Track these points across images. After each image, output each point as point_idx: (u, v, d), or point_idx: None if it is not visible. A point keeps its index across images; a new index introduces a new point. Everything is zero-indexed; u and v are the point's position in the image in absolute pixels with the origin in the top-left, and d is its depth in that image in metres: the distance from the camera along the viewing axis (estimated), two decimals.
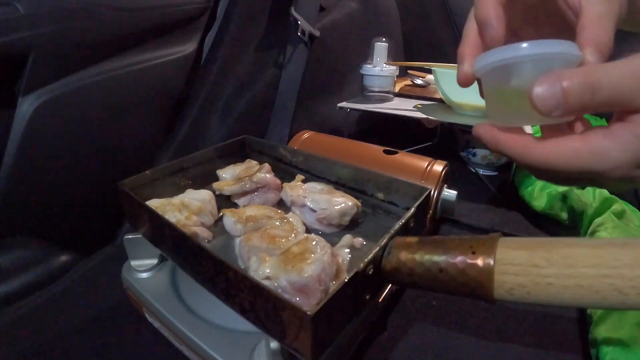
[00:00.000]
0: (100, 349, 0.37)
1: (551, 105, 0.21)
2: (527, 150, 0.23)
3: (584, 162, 0.21)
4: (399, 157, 0.53)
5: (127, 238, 0.39)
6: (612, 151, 0.21)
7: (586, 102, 0.20)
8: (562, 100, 0.20)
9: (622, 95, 0.20)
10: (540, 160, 0.23)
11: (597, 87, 0.20)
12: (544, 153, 0.22)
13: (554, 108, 0.21)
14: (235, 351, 0.31)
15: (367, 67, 0.77)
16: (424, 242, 0.27)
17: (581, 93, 0.20)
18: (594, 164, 0.21)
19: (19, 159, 0.48)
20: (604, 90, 0.20)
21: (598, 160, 0.21)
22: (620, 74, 0.20)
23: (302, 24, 0.70)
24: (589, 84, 0.20)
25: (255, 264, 0.30)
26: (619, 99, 0.20)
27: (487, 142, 0.25)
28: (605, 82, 0.20)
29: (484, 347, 0.37)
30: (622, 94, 0.20)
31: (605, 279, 0.20)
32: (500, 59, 0.22)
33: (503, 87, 0.24)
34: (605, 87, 0.20)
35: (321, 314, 0.22)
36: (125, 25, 0.55)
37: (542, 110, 0.21)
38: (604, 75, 0.20)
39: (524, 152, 0.23)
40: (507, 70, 0.23)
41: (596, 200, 0.49)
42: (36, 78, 0.48)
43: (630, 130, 0.21)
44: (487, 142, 0.25)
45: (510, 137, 0.24)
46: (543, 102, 0.21)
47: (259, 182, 0.44)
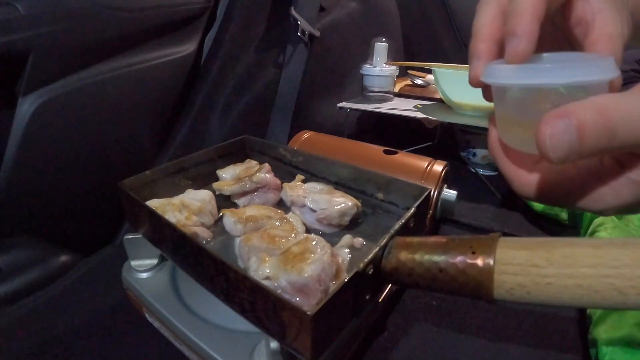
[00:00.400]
0: (100, 349, 0.37)
1: (565, 151, 0.17)
2: (516, 178, 0.22)
3: (575, 201, 0.21)
4: (399, 157, 0.53)
5: (127, 238, 0.39)
6: (606, 196, 0.20)
7: (601, 147, 0.17)
8: (577, 145, 0.17)
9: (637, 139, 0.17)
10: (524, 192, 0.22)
11: (614, 132, 0.17)
12: (532, 185, 0.21)
13: (568, 154, 0.17)
14: (235, 351, 0.31)
15: (367, 67, 0.77)
16: (424, 242, 0.27)
17: (598, 136, 0.17)
18: (586, 205, 0.20)
19: (19, 159, 0.48)
20: (620, 136, 0.17)
21: (591, 202, 0.20)
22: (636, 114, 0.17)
23: (302, 24, 0.70)
24: (606, 127, 0.17)
25: (255, 264, 0.30)
26: (633, 144, 0.17)
27: (489, 148, 0.24)
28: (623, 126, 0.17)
29: (484, 347, 0.37)
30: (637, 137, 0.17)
31: (605, 279, 0.20)
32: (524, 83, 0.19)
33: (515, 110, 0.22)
34: (622, 132, 0.17)
35: (321, 314, 0.22)
36: (125, 25, 0.55)
37: (554, 158, 0.18)
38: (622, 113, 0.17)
39: (512, 179, 0.22)
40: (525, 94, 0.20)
41: None
42: (36, 78, 0.48)
43: (627, 176, 0.19)
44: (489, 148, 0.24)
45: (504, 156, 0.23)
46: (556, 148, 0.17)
47: (259, 182, 0.44)
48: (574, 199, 0.20)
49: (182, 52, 0.65)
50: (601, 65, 0.19)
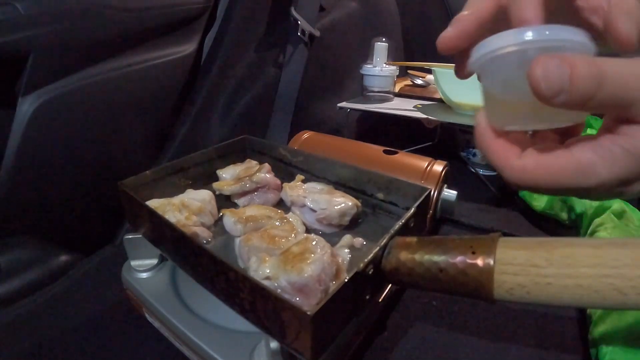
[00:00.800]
0: (100, 349, 0.37)
1: (556, 88, 0.18)
2: (507, 166, 0.21)
3: (569, 179, 0.20)
4: (399, 157, 0.53)
5: (127, 238, 0.39)
6: (599, 168, 0.19)
7: (590, 94, 0.18)
8: (568, 85, 0.18)
9: (623, 97, 0.18)
10: (519, 178, 0.21)
11: (603, 80, 0.17)
12: (522, 171, 0.21)
13: (558, 92, 0.18)
14: (235, 351, 0.31)
15: (367, 67, 0.77)
16: (424, 242, 0.27)
17: (588, 81, 0.17)
18: (580, 181, 0.20)
19: (19, 159, 0.48)
20: (608, 86, 0.17)
21: (584, 177, 0.19)
22: (628, 71, 0.18)
23: (302, 24, 0.70)
24: (595, 73, 0.17)
25: (255, 264, 0.30)
26: (619, 101, 0.18)
27: (476, 140, 0.23)
28: (612, 76, 0.17)
29: (484, 347, 0.37)
30: (625, 95, 0.18)
31: (605, 279, 0.20)
32: (499, 46, 0.19)
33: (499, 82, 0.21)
34: (610, 82, 0.17)
35: (321, 314, 0.22)
36: (125, 25, 0.55)
37: (544, 92, 0.18)
38: (611, 68, 0.17)
39: (503, 167, 0.21)
40: (507, 60, 0.20)
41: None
42: (36, 78, 0.48)
43: (620, 144, 0.19)
44: (476, 140, 0.23)
45: (496, 146, 0.22)
46: (547, 83, 0.18)
47: (259, 182, 0.44)
48: (567, 176, 0.20)
49: (182, 52, 0.65)
50: (577, 32, 0.19)
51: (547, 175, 0.20)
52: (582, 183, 0.19)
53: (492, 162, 0.22)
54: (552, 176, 0.20)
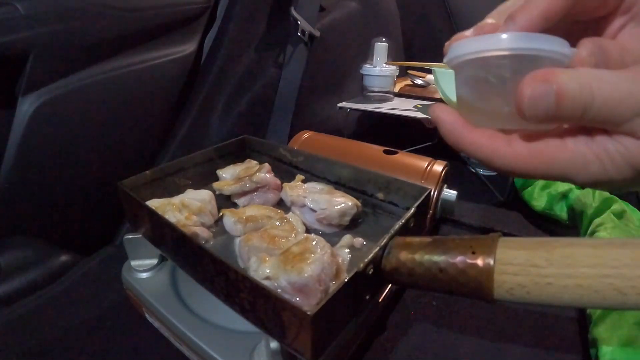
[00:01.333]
0: (100, 349, 0.37)
1: (542, 113, 0.17)
2: (497, 154, 0.20)
3: (560, 170, 0.19)
4: (399, 157, 0.53)
5: (127, 238, 0.39)
6: (592, 165, 0.18)
7: (577, 115, 0.17)
8: (554, 110, 0.17)
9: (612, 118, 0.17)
10: (511, 166, 0.20)
11: (590, 102, 0.17)
12: (515, 159, 0.20)
13: (544, 117, 0.18)
14: (235, 351, 0.31)
15: (367, 67, 0.77)
16: (424, 242, 0.27)
17: (575, 103, 0.17)
18: (570, 173, 0.19)
19: (19, 159, 0.48)
20: (596, 107, 0.17)
21: (575, 171, 0.19)
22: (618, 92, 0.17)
23: (302, 24, 0.70)
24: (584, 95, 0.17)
25: (255, 264, 0.30)
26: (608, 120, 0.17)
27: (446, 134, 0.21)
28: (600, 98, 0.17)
29: (484, 347, 0.37)
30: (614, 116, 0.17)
31: (605, 279, 0.20)
32: (476, 50, 0.19)
33: (477, 85, 0.21)
34: (598, 103, 0.17)
35: (321, 314, 0.22)
36: (125, 25, 0.55)
37: (530, 117, 0.18)
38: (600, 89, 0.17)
39: (492, 156, 0.20)
40: (484, 64, 0.19)
41: (596, 200, 0.49)
42: (36, 78, 0.48)
43: (615, 146, 0.18)
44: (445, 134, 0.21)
45: (476, 137, 0.21)
46: (533, 108, 0.17)
47: (258, 182, 0.44)
48: (559, 167, 0.19)
49: (182, 52, 0.65)
50: (555, 40, 0.18)
51: (540, 164, 0.19)
52: (572, 176, 0.19)
53: (475, 155, 0.21)
54: (545, 165, 0.19)
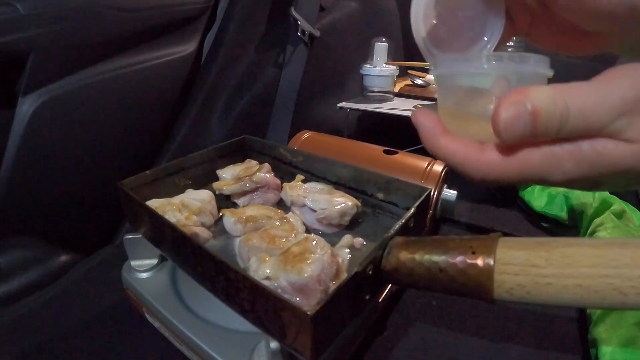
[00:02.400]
0: (100, 349, 0.37)
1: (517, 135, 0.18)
2: (468, 161, 0.20)
3: (533, 173, 0.19)
4: (399, 157, 0.53)
5: (127, 238, 0.39)
6: (566, 163, 0.18)
7: (553, 133, 0.18)
8: (530, 131, 0.18)
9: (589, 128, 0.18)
10: (483, 173, 0.20)
11: (565, 118, 0.17)
12: (488, 166, 0.20)
13: (520, 138, 0.18)
14: (235, 351, 0.31)
15: (367, 67, 0.77)
16: (423, 242, 0.27)
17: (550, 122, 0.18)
18: (543, 174, 0.19)
19: (19, 159, 0.48)
20: (572, 121, 0.17)
21: (550, 171, 0.19)
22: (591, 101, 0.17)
23: (302, 24, 0.70)
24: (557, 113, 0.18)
25: (255, 264, 0.30)
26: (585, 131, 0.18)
27: (423, 140, 0.22)
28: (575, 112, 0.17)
29: (484, 347, 0.37)
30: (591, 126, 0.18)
31: (604, 278, 0.20)
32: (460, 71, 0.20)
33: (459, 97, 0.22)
34: (573, 117, 0.17)
35: (321, 314, 0.22)
36: (125, 25, 0.55)
37: (506, 139, 0.18)
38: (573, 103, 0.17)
39: (464, 163, 0.21)
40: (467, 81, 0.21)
41: (596, 200, 0.49)
42: (36, 78, 0.48)
43: (591, 145, 0.18)
44: (423, 139, 0.22)
45: (451, 143, 0.21)
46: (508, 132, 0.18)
47: (258, 182, 0.44)
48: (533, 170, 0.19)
49: (182, 52, 0.65)
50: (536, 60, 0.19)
51: (513, 170, 0.20)
52: (548, 177, 0.19)
53: (448, 160, 0.21)
54: (519, 170, 0.19)
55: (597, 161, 0.18)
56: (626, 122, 0.17)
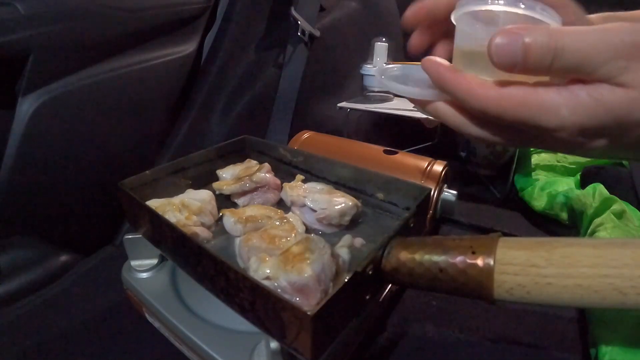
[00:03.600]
0: (100, 348, 0.37)
1: (508, 61, 0.19)
2: (471, 93, 0.21)
3: (529, 113, 0.20)
4: (399, 157, 0.53)
5: (127, 238, 0.39)
6: (562, 108, 0.19)
7: (546, 66, 0.19)
8: (522, 58, 0.19)
9: (584, 66, 0.18)
10: (483, 104, 0.21)
11: (560, 53, 0.18)
12: (487, 97, 0.21)
13: (511, 65, 0.19)
14: (235, 351, 0.31)
15: (367, 67, 0.77)
16: (423, 242, 0.27)
17: (542, 54, 0.19)
18: (540, 117, 0.20)
19: (19, 159, 0.48)
20: (566, 56, 0.18)
21: (544, 114, 0.20)
22: (588, 41, 0.18)
23: (302, 24, 0.70)
24: (552, 47, 0.18)
25: (255, 264, 0.29)
26: (581, 69, 0.19)
27: (433, 77, 0.23)
28: (570, 48, 0.18)
29: (484, 347, 0.37)
30: (586, 64, 0.18)
31: (604, 278, 0.20)
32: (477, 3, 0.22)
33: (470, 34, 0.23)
34: (568, 54, 0.18)
35: (321, 314, 0.22)
36: (125, 25, 0.55)
37: (498, 64, 0.20)
38: (570, 40, 0.18)
39: (467, 94, 0.21)
40: (479, 18, 0.22)
41: (596, 200, 0.49)
42: (36, 78, 0.48)
43: (588, 91, 0.19)
44: (432, 77, 0.24)
45: (456, 76, 0.22)
46: (500, 56, 0.19)
47: (258, 182, 0.44)
48: (528, 111, 0.20)
49: (182, 52, 0.65)
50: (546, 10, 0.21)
51: (509, 106, 0.20)
52: (543, 121, 0.20)
53: (454, 93, 0.22)
54: (514, 108, 0.20)
55: (593, 108, 0.19)
56: (623, 65, 0.18)
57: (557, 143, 0.21)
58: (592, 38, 0.18)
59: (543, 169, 0.64)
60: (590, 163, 0.63)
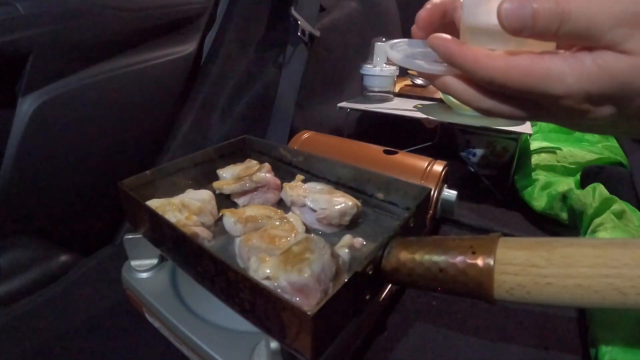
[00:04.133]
0: (100, 348, 0.37)
1: (518, 25, 0.20)
2: (478, 64, 0.22)
3: (536, 81, 0.20)
4: (399, 157, 0.53)
5: (127, 238, 0.39)
6: (568, 76, 0.20)
7: (553, 30, 0.19)
8: (530, 22, 0.19)
9: (590, 31, 0.19)
10: (490, 74, 0.21)
11: (567, 18, 0.19)
12: (495, 67, 0.21)
13: (520, 29, 0.20)
14: (235, 351, 0.31)
15: (367, 67, 0.77)
16: (423, 242, 0.27)
17: (550, 19, 0.19)
18: (546, 85, 0.20)
19: (19, 159, 0.48)
20: (573, 22, 0.19)
21: (550, 82, 0.20)
22: (593, 8, 0.19)
23: (302, 24, 0.70)
24: (559, 12, 0.19)
25: (255, 264, 0.30)
26: (586, 34, 0.19)
27: (440, 52, 0.24)
28: (577, 13, 0.19)
29: (484, 347, 0.37)
30: (592, 29, 0.19)
31: (604, 278, 0.20)
32: None
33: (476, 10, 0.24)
34: (575, 19, 0.19)
35: (321, 314, 0.22)
36: (125, 25, 0.55)
37: (508, 28, 0.20)
38: (576, 6, 0.19)
39: (474, 65, 0.22)
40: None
41: (596, 200, 0.49)
42: (36, 78, 0.48)
43: (593, 59, 0.19)
44: (439, 52, 0.24)
45: (462, 49, 0.23)
46: (510, 20, 0.20)
47: (258, 182, 0.44)
48: (535, 79, 0.20)
49: (182, 52, 0.65)
50: None
51: (516, 74, 0.21)
52: (549, 89, 0.20)
53: (461, 65, 0.23)
54: (521, 76, 0.21)
55: (598, 74, 0.19)
56: (627, 32, 0.19)
57: (564, 112, 0.22)
58: (598, 5, 0.19)
59: (543, 169, 0.64)
60: (590, 163, 0.63)
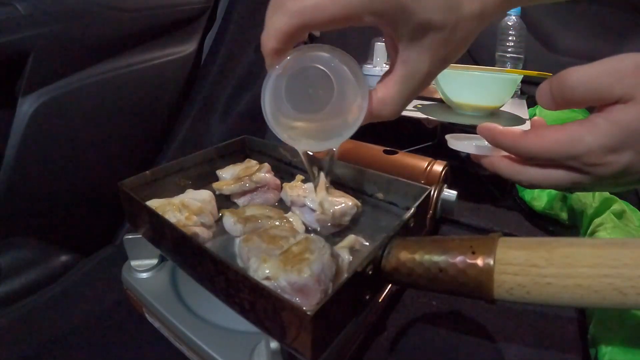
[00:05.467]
0: (100, 349, 0.37)
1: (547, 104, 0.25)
2: (516, 142, 0.27)
3: (563, 147, 0.24)
4: (399, 157, 0.53)
5: (127, 238, 0.39)
6: (586, 136, 0.23)
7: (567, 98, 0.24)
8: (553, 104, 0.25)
9: (597, 91, 0.23)
10: (527, 149, 0.26)
11: (570, 88, 0.23)
12: (529, 143, 0.26)
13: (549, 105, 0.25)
14: (235, 351, 0.31)
15: (367, 67, 0.77)
16: (423, 242, 0.27)
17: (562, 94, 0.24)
18: (571, 148, 0.24)
19: (19, 159, 0.48)
20: (577, 89, 0.23)
21: (574, 145, 0.24)
22: (594, 73, 0.23)
23: None
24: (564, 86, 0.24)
25: (255, 264, 0.29)
26: (595, 95, 0.23)
27: (487, 137, 0.29)
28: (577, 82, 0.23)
29: (484, 347, 0.37)
30: (598, 89, 0.23)
31: (604, 278, 0.20)
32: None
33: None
34: (578, 86, 0.23)
35: (321, 314, 0.22)
36: (125, 25, 0.55)
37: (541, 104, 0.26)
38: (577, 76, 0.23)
39: (513, 143, 0.27)
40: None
41: (596, 200, 0.49)
42: (36, 78, 0.48)
43: (604, 117, 0.23)
44: (486, 137, 0.29)
45: (502, 131, 0.28)
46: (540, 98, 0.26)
47: (258, 182, 0.44)
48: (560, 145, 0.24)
49: (182, 52, 0.65)
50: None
51: (546, 145, 0.25)
52: (572, 151, 0.24)
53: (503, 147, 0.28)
54: (550, 146, 0.25)
55: (609, 129, 0.23)
56: (632, 82, 0.22)
57: (594, 170, 0.25)
58: (597, 70, 0.22)
59: None
60: None
